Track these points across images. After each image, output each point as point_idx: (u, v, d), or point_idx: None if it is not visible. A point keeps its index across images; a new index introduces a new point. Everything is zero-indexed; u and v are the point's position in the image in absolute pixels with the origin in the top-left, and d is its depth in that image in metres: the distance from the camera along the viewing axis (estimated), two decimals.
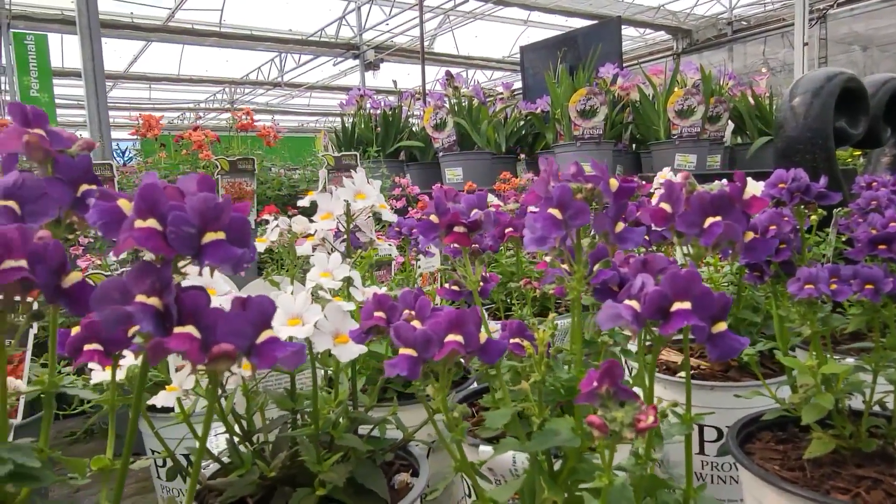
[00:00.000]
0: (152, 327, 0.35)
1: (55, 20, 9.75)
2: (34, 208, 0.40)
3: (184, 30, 10.72)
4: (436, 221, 0.64)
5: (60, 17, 9.76)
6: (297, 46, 11.71)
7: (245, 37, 11.26)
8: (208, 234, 0.37)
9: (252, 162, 2.45)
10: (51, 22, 9.70)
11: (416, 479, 0.97)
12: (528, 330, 0.66)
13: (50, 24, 9.69)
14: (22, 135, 0.40)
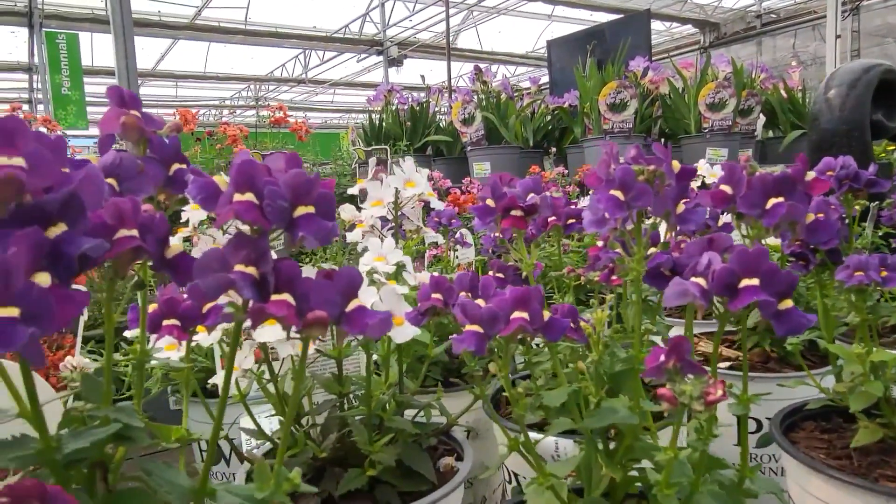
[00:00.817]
0: (252, 294, 0.37)
1: (86, 19, 9.93)
2: (131, 186, 0.42)
3: (210, 27, 10.84)
4: (492, 205, 0.66)
5: (91, 16, 9.93)
6: (322, 43, 11.79)
7: (270, 34, 11.36)
8: (300, 208, 0.39)
9: None
10: (82, 21, 9.88)
11: (461, 462, 0.99)
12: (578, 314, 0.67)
13: (81, 22, 9.86)
14: (120, 116, 0.43)
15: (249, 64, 13.72)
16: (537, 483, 0.59)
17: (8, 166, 0.28)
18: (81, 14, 9.88)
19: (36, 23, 9.34)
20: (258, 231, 0.38)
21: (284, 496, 0.40)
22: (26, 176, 0.29)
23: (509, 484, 1.17)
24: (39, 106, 12.78)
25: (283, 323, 0.37)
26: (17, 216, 0.30)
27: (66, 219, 0.31)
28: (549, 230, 0.95)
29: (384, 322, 0.39)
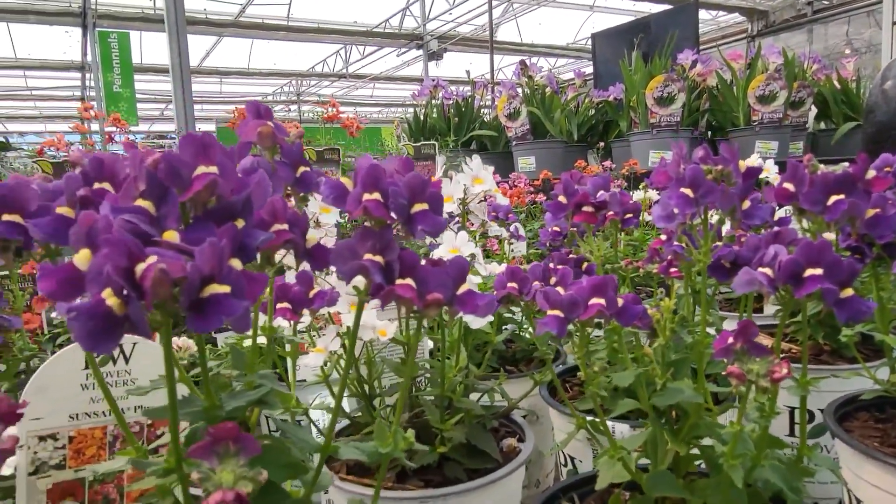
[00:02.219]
0: (381, 279, 0.43)
1: (136, 18, 10.23)
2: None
3: (254, 24, 11.07)
4: (564, 202, 0.71)
5: (141, 15, 10.24)
6: (362, 38, 11.92)
7: (312, 30, 11.54)
8: (416, 205, 0.45)
9: (338, 152, 2.58)
10: (132, 20, 10.19)
11: (523, 444, 1.05)
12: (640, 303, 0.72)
13: (131, 21, 10.18)
14: (257, 126, 0.50)
15: (291, 59, 13.98)
16: (608, 455, 0.65)
17: (208, 174, 0.35)
18: (132, 13, 10.19)
19: (89, 23, 9.70)
20: (381, 224, 0.45)
21: (401, 452, 0.47)
22: (220, 181, 0.35)
23: (565, 467, 1.22)
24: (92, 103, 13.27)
25: (406, 303, 0.43)
26: (210, 213, 0.37)
27: (244, 216, 0.38)
28: (606, 225, 1.00)
29: (490, 304, 0.45)
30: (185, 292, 0.30)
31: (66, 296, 0.31)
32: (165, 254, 0.31)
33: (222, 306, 0.31)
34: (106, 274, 0.29)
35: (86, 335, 0.29)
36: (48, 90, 14.67)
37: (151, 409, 0.42)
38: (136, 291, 0.29)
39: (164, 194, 0.35)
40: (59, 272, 0.31)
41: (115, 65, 9.87)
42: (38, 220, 0.40)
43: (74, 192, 0.41)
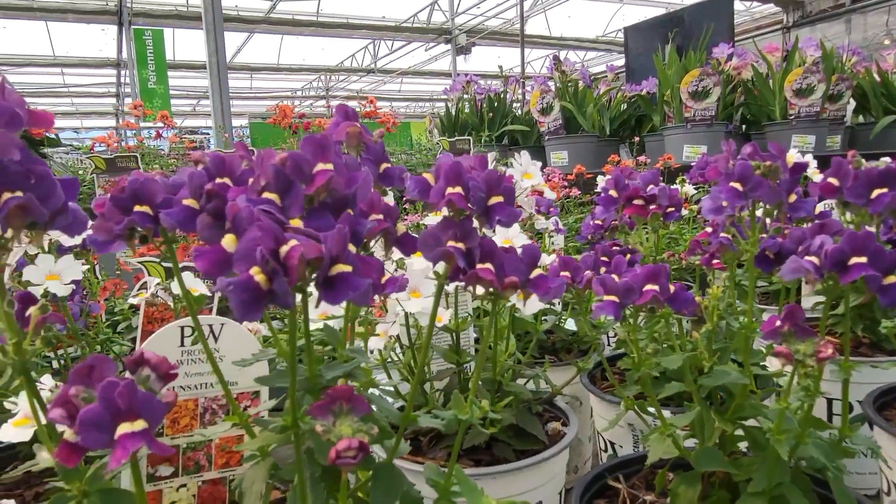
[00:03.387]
0: (464, 263, 0.48)
1: (170, 16, 10.43)
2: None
3: (284, 21, 11.20)
4: (615, 196, 0.75)
5: (175, 12, 10.43)
6: (391, 33, 11.99)
7: (341, 25, 11.64)
8: (493, 198, 0.51)
9: None
10: (166, 17, 10.39)
11: (567, 427, 1.09)
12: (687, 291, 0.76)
13: (166, 19, 10.38)
14: (345, 127, 0.55)
15: (320, 55, 14.11)
16: (659, 432, 0.69)
17: (327, 170, 0.41)
18: (166, 11, 10.39)
19: (125, 20, 9.93)
20: (462, 215, 0.50)
21: (478, 419, 0.52)
22: (335, 177, 0.41)
23: (605, 452, 1.27)
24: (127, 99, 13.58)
25: (486, 285, 0.49)
26: (325, 204, 0.42)
27: (352, 207, 0.43)
28: (647, 218, 1.04)
29: (560, 287, 0.50)
30: (319, 270, 0.36)
31: (218, 272, 0.37)
32: (301, 238, 0.36)
33: (349, 283, 0.36)
34: (259, 254, 0.34)
35: (239, 305, 0.35)
36: (85, 87, 15.04)
37: (263, 378, 0.48)
38: (281, 269, 0.35)
39: (288, 187, 0.41)
40: (212, 253, 0.37)
41: (149, 61, 10.08)
42: (170, 211, 0.46)
43: (199, 187, 0.47)
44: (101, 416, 0.33)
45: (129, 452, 0.32)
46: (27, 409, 0.62)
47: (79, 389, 0.35)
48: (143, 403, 0.34)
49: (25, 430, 0.62)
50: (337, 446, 0.36)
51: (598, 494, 0.91)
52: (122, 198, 0.48)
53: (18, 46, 12.23)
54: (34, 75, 14.08)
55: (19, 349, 0.43)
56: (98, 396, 0.33)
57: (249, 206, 0.38)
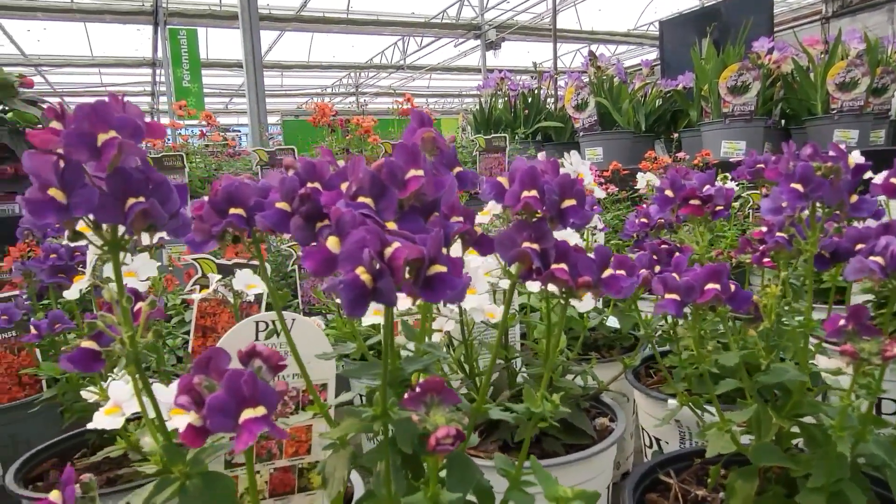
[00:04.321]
0: (540, 263, 0.51)
1: (204, 15, 10.60)
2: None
3: (315, 18, 11.29)
4: (671, 195, 0.77)
5: (209, 11, 10.60)
6: (420, 29, 12.02)
7: (371, 22, 11.70)
8: (566, 201, 0.53)
9: None
10: (201, 17, 10.56)
11: (614, 423, 1.11)
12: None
13: (200, 18, 10.55)
14: (421, 133, 0.58)
15: (350, 52, 14.20)
16: (717, 428, 0.71)
17: (419, 177, 0.43)
18: (200, 10, 10.57)
19: (161, 20, 10.13)
20: (536, 216, 0.52)
21: (549, 413, 0.54)
22: (426, 182, 0.44)
23: (650, 448, 1.28)
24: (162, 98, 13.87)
25: (561, 284, 0.51)
26: (415, 208, 0.45)
27: (438, 210, 0.46)
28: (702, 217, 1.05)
29: (632, 287, 0.52)
30: (420, 270, 0.39)
31: (324, 271, 0.40)
32: (401, 240, 0.39)
33: (447, 282, 0.39)
34: (366, 255, 0.37)
35: (348, 302, 0.38)
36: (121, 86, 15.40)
37: (351, 370, 0.52)
38: (386, 269, 0.38)
39: (383, 192, 0.43)
40: (318, 254, 0.40)
41: (184, 60, 10.25)
42: (265, 213, 0.49)
43: (291, 191, 0.50)
44: (227, 402, 0.36)
45: (255, 436, 0.35)
46: (117, 398, 0.67)
47: (201, 378, 0.39)
48: (262, 391, 0.37)
49: (116, 418, 0.66)
50: (436, 434, 0.39)
51: (649, 489, 0.93)
52: (218, 201, 0.52)
53: (58, 47, 12.55)
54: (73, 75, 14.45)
55: (133, 341, 0.46)
56: (223, 385, 0.37)
57: (351, 211, 0.41)
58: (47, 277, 1.04)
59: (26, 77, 3.11)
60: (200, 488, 0.50)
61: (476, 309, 0.94)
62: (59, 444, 1.16)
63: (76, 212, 0.40)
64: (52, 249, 1.03)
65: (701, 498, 0.87)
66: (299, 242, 0.50)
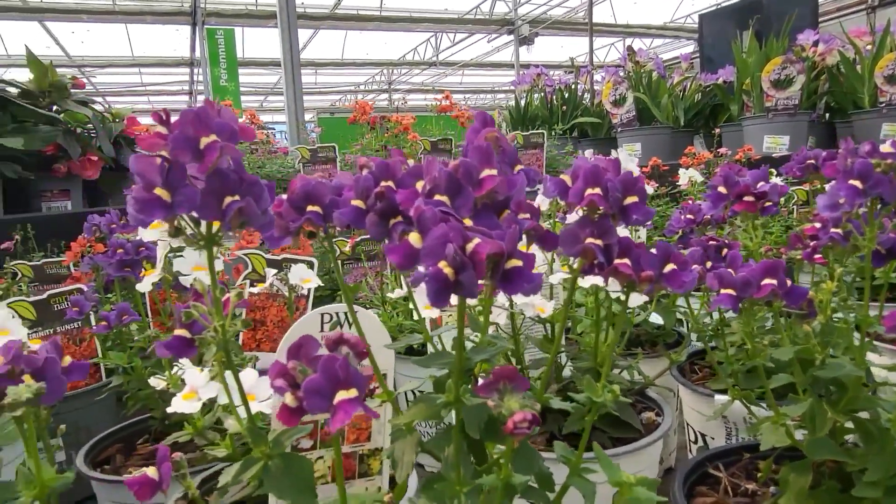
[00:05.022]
0: (603, 258, 0.53)
1: (241, 15, 10.79)
2: None
3: (349, 16, 11.40)
4: (724, 192, 0.78)
5: (245, 11, 10.78)
6: (453, 25, 12.04)
7: (404, 19, 11.76)
8: (628, 198, 0.55)
9: (450, 142, 2.70)
10: (237, 17, 10.75)
11: (660, 418, 1.12)
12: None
13: (236, 18, 10.74)
14: (485, 133, 0.60)
15: (383, 49, 14.29)
16: (771, 422, 0.72)
17: (494, 176, 0.46)
18: (237, 10, 10.75)
19: (199, 20, 10.34)
20: (600, 213, 0.54)
21: (609, 402, 0.56)
22: (501, 181, 0.46)
23: (695, 444, 1.28)
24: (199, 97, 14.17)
25: (624, 279, 0.53)
26: (488, 206, 0.47)
27: (509, 207, 0.48)
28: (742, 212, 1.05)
29: (693, 281, 0.54)
30: (499, 265, 0.41)
31: (408, 265, 0.43)
32: (480, 236, 0.42)
33: (524, 276, 0.41)
34: (450, 250, 0.40)
35: (432, 294, 0.40)
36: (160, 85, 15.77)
37: (423, 359, 0.54)
38: (469, 263, 0.40)
39: (459, 191, 0.46)
40: (402, 249, 0.43)
41: (221, 60, 10.43)
42: (343, 211, 0.53)
43: (366, 189, 0.53)
44: (323, 385, 0.39)
45: (350, 416, 0.38)
46: (194, 384, 0.71)
47: (295, 363, 0.42)
48: (353, 375, 0.40)
49: (193, 402, 0.70)
50: (514, 418, 0.41)
51: (698, 482, 0.94)
52: (296, 199, 0.55)
53: (101, 48, 12.91)
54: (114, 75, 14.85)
55: (223, 330, 0.50)
56: (320, 369, 0.40)
57: (432, 208, 0.43)
58: (114, 271, 1.10)
59: (78, 79, 3.23)
60: (282, 468, 0.53)
61: (527, 303, 0.96)
62: (123, 430, 1.22)
63: (180, 210, 0.43)
64: (120, 245, 1.08)
65: (751, 491, 0.88)
66: (374, 237, 0.53)
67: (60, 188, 2.93)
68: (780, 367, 0.81)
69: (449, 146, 2.69)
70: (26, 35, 11.67)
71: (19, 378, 0.53)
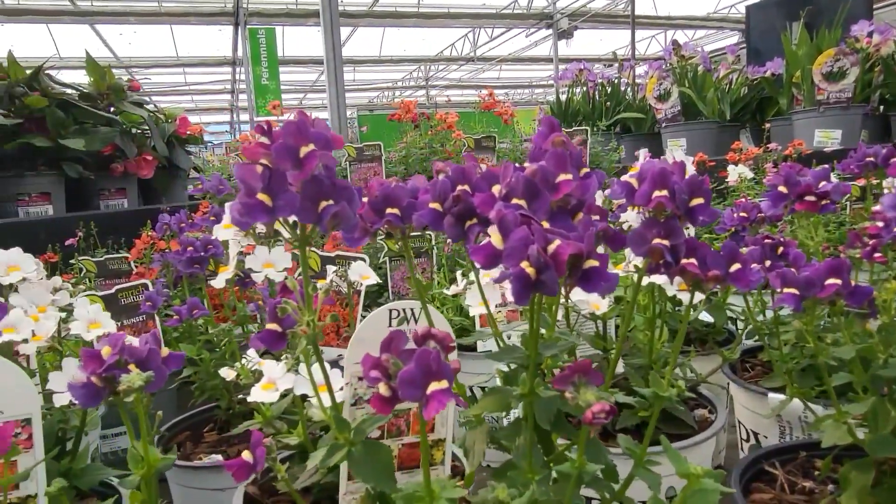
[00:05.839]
0: (670, 258, 0.55)
1: (282, 14, 10.97)
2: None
3: (387, 14, 11.48)
4: (785, 192, 0.78)
5: (285, 10, 10.96)
6: (491, 20, 12.01)
7: (442, 15, 11.78)
8: (694, 200, 0.56)
9: (493, 140, 2.72)
10: (278, 16, 10.93)
11: (713, 415, 1.13)
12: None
13: (277, 17, 10.92)
14: (552, 138, 0.63)
15: (421, 45, 14.35)
16: (833, 419, 0.72)
17: (569, 181, 0.48)
18: (278, 10, 10.93)
19: (241, 20, 10.56)
20: (667, 214, 0.56)
21: (675, 397, 0.58)
22: (577, 186, 0.49)
23: (746, 442, 1.28)
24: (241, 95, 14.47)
25: (691, 277, 0.55)
26: (563, 209, 0.50)
27: (582, 210, 0.51)
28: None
29: (758, 279, 0.55)
30: (578, 265, 0.44)
31: (490, 265, 0.46)
32: (560, 237, 0.44)
33: (602, 275, 0.44)
34: (533, 251, 0.43)
35: (515, 292, 0.43)
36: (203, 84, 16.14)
37: (495, 353, 0.57)
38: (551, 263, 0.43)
39: (536, 195, 0.49)
40: (485, 250, 0.46)
41: (262, 58, 10.62)
42: (422, 213, 0.56)
43: (443, 192, 0.56)
44: (417, 376, 0.43)
45: (443, 404, 0.41)
46: (272, 375, 0.75)
47: (388, 356, 0.45)
48: (444, 367, 0.43)
49: (271, 393, 0.75)
50: (592, 409, 0.44)
51: (754, 479, 0.94)
52: (377, 202, 0.58)
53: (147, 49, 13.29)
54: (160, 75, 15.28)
55: (313, 325, 0.54)
56: (414, 361, 0.43)
57: (513, 211, 0.46)
58: (184, 268, 1.16)
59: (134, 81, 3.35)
60: (364, 454, 0.57)
61: (582, 300, 0.98)
62: (190, 419, 1.28)
63: (281, 213, 0.47)
64: (189, 242, 1.14)
65: (809, 489, 0.88)
66: (451, 238, 0.56)
67: (117, 187, 3.05)
68: (839, 366, 0.82)
69: (492, 144, 2.71)
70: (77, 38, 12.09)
71: (125, 368, 0.58)
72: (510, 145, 3.03)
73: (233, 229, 0.94)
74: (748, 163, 2.41)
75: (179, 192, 3.28)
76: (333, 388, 0.79)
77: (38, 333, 0.82)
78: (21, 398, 0.72)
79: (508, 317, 1.33)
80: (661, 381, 0.59)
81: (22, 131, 2.63)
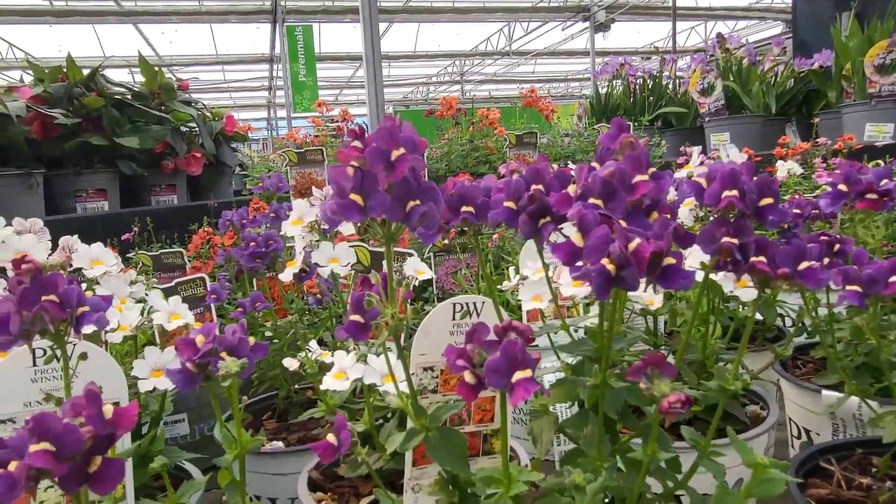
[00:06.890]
0: (739, 255, 0.56)
1: (319, 11, 11.08)
2: None
3: (422, 9, 11.51)
4: (846, 190, 0.79)
5: (322, 8, 11.07)
6: (526, 14, 11.94)
7: (477, 10, 11.76)
8: (764, 199, 0.58)
9: (535, 136, 2.73)
10: (315, 13, 11.04)
11: (765, 411, 1.13)
12: None
13: (314, 14, 11.03)
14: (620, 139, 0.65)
15: (455, 40, 14.34)
16: (893, 416, 0.73)
17: (647, 182, 0.51)
18: (315, 7, 11.04)
19: (279, 18, 10.70)
20: (737, 213, 0.58)
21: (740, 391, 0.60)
22: (653, 186, 0.51)
23: (797, 439, 1.28)
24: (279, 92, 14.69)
25: (760, 275, 0.56)
26: (638, 208, 0.52)
27: (656, 209, 0.53)
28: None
29: (828, 277, 0.57)
30: (657, 262, 0.46)
31: (571, 262, 0.48)
32: (640, 237, 0.47)
33: (679, 272, 0.46)
34: (615, 248, 0.45)
35: (597, 287, 0.46)
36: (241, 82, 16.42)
37: (566, 345, 0.60)
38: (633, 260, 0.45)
39: (613, 195, 0.51)
40: (566, 247, 0.49)
41: (299, 55, 10.74)
42: (497, 211, 0.59)
43: (517, 191, 0.59)
44: (503, 365, 0.46)
45: (529, 392, 0.44)
46: (342, 365, 0.79)
47: (473, 347, 0.48)
48: (528, 358, 0.46)
49: (342, 381, 0.79)
50: (668, 399, 0.46)
51: (809, 474, 0.95)
52: (452, 200, 0.61)
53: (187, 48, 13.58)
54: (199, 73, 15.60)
55: (395, 317, 0.57)
56: (500, 351, 0.46)
57: (592, 211, 0.49)
58: (246, 262, 1.21)
59: (183, 80, 3.46)
60: (440, 439, 0.60)
61: (637, 296, 1.00)
62: (249, 407, 1.34)
63: (372, 213, 0.50)
64: (252, 238, 1.19)
65: (866, 486, 0.89)
66: (524, 235, 0.58)
67: (168, 183, 3.16)
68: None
69: (534, 140, 2.72)
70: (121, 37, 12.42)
71: (217, 355, 0.62)
72: (549, 140, 3.03)
73: (300, 225, 0.99)
74: (796, 157, 2.37)
75: (226, 189, 3.38)
76: (400, 378, 0.83)
77: (123, 323, 0.87)
78: (111, 383, 0.77)
79: (553, 312, 1.35)
80: (725, 375, 0.61)
81: (80, 130, 2.75)
